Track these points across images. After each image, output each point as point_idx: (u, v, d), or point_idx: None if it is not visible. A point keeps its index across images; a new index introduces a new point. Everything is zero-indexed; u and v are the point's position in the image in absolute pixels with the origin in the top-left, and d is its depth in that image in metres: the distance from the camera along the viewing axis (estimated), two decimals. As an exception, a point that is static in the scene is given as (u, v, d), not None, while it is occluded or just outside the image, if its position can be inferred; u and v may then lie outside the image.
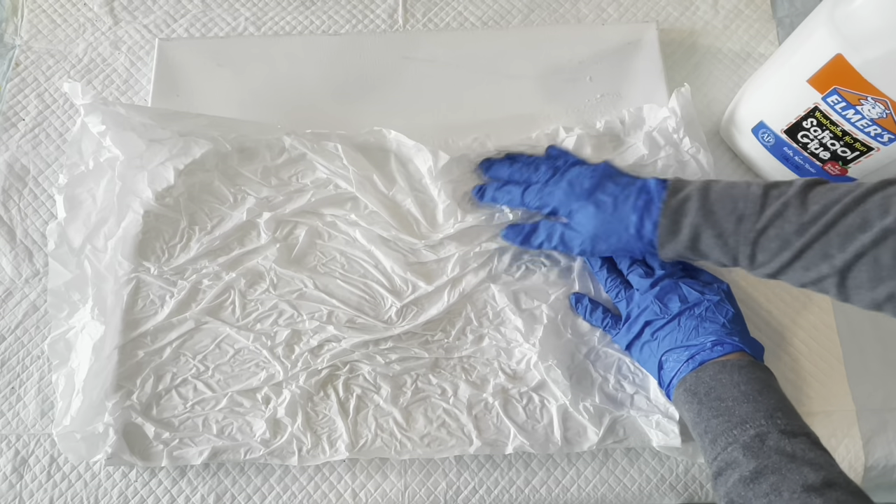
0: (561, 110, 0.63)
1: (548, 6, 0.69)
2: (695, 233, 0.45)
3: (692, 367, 0.46)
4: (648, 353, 0.50)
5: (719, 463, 0.42)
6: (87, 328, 0.54)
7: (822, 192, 0.42)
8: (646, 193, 0.48)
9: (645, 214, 0.47)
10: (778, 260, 0.43)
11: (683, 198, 0.46)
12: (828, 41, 0.46)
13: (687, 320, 0.48)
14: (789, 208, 0.42)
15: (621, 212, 0.48)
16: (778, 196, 0.43)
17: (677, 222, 0.46)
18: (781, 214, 0.42)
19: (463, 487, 0.53)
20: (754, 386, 0.44)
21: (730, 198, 0.45)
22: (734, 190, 0.45)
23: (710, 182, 0.47)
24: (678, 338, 0.48)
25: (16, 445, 0.54)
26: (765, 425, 0.41)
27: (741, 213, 0.44)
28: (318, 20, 0.68)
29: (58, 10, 0.69)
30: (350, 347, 0.54)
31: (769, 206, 0.43)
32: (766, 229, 0.43)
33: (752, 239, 0.44)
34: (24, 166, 0.63)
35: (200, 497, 0.53)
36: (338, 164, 0.58)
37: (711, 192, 0.46)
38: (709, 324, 0.48)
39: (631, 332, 0.51)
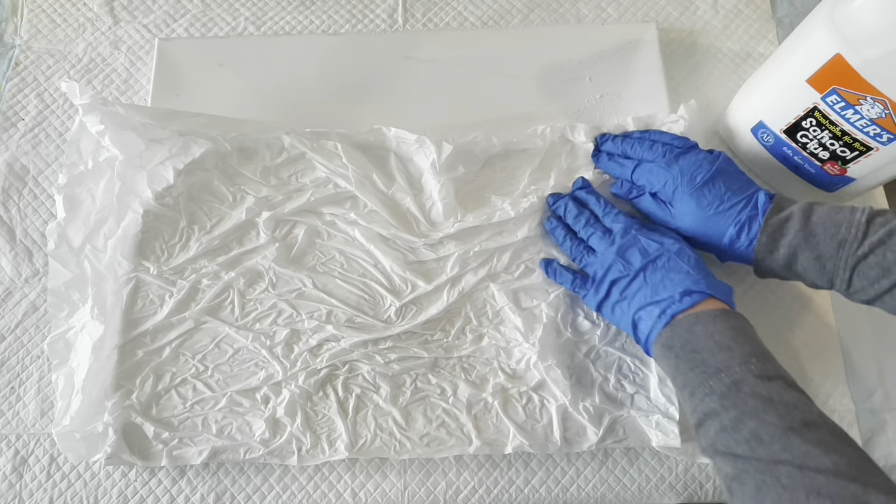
0: (561, 110, 0.63)
1: (548, 6, 0.69)
2: (792, 253, 0.46)
3: (665, 321, 0.46)
4: (621, 314, 0.50)
5: (699, 414, 0.42)
6: (87, 328, 0.54)
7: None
8: (753, 208, 0.48)
9: (745, 229, 0.48)
10: (876, 287, 0.43)
11: (785, 217, 0.47)
12: (827, 41, 0.46)
13: (652, 274, 0.48)
14: (894, 236, 0.43)
15: (722, 220, 0.49)
16: (883, 224, 0.44)
17: (776, 241, 0.47)
18: (885, 243, 0.43)
19: (462, 487, 0.53)
20: (728, 334, 0.44)
21: (832, 222, 0.45)
22: (838, 215, 0.45)
23: (813, 204, 0.47)
24: (647, 294, 0.48)
25: (15, 445, 0.54)
26: (739, 372, 0.41)
27: (843, 237, 0.44)
28: (317, 20, 0.68)
29: (58, 10, 0.69)
30: (349, 347, 0.54)
31: (873, 234, 0.43)
32: (868, 256, 0.43)
33: (851, 265, 0.44)
34: (23, 166, 0.63)
35: (200, 497, 0.53)
36: (337, 163, 0.58)
37: (814, 214, 0.46)
38: (674, 274, 0.48)
39: (599, 292, 0.51)
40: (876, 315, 0.57)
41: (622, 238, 0.51)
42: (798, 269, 0.47)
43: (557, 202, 0.56)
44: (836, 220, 0.45)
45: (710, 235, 0.50)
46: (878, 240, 0.43)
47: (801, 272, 0.47)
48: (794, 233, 0.46)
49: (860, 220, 0.44)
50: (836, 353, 0.57)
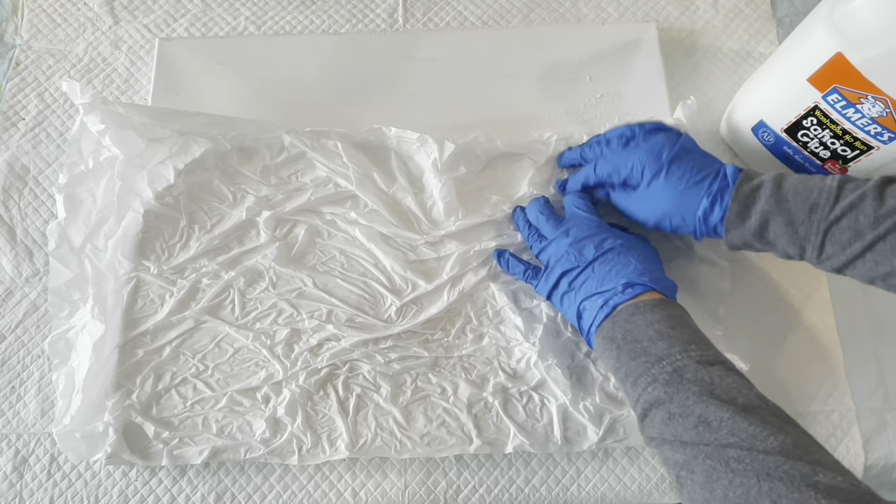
0: (561, 110, 0.63)
1: (548, 6, 0.69)
2: (764, 220, 0.45)
3: (606, 312, 0.46)
4: (568, 304, 0.50)
5: (643, 404, 0.42)
6: (88, 327, 0.54)
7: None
8: (722, 179, 0.48)
9: (717, 200, 0.47)
10: (848, 251, 0.43)
11: (756, 185, 0.46)
12: (828, 40, 0.46)
13: (601, 266, 0.48)
14: (865, 200, 0.42)
15: (693, 194, 0.48)
16: (854, 188, 0.43)
17: (747, 208, 0.46)
18: (856, 206, 0.42)
19: (463, 486, 0.53)
20: (668, 323, 0.44)
21: (804, 187, 0.44)
22: (810, 181, 0.45)
23: (784, 173, 0.47)
24: (592, 285, 0.48)
25: (16, 444, 0.54)
26: (680, 359, 0.41)
27: (814, 202, 0.44)
28: (318, 20, 0.68)
29: (58, 10, 0.69)
30: (350, 346, 0.54)
31: (844, 198, 0.43)
32: (840, 220, 0.43)
33: (823, 229, 0.43)
34: (24, 166, 0.63)
35: (201, 496, 0.53)
36: (337, 163, 0.58)
37: (785, 182, 0.45)
38: (621, 267, 0.48)
39: (549, 281, 0.51)
40: (876, 315, 0.58)
41: (578, 228, 0.51)
42: (770, 237, 0.46)
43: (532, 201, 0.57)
44: (808, 186, 0.44)
45: (684, 211, 0.48)
46: (850, 203, 0.42)
47: (772, 239, 0.46)
48: (766, 199, 0.45)
49: (832, 185, 0.44)
50: (836, 353, 0.57)
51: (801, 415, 0.54)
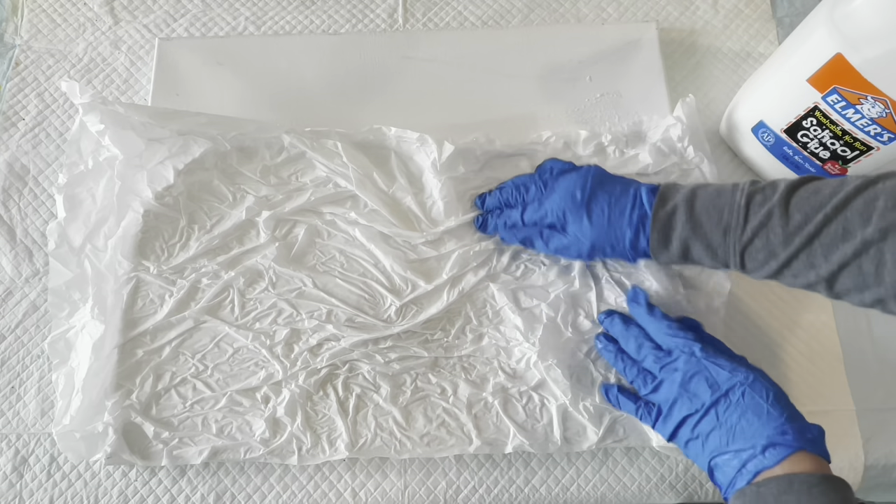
0: (561, 110, 0.63)
1: (548, 6, 0.69)
2: (685, 245, 0.46)
3: (747, 478, 0.41)
4: (695, 452, 0.45)
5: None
6: (87, 327, 0.54)
7: (805, 196, 0.42)
8: (640, 207, 0.47)
9: (640, 230, 0.47)
10: (766, 269, 0.43)
11: (671, 210, 0.46)
12: (827, 41, 0.46)
13: (726, 413, 0.44)
14: (773, 218, 0.42)
15: (616, 227, 0.48)
16: (762, 203, 0.43)
17: (667, 235, 0.46)
18: (766, 225, 0.42)
19: (463, 487, 0.53)
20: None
21: (715, 208, 0.44)
22: (719, 199, 0.45)
23: (696, 190, 0.46)
24: (721, 438, 0.43)
25: (16, 444, 0.54)
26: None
27: (726, 224, 0.44)
28: (317, 20, 0.68)
29: (58, 10, 0.69)
30: (349, 346, 0.54)
31: (753, 217, 0.43)
32: (752, 240, 0.43)
33: (739, 251, 0.44)
34: (24, 166, 0.63)
35: (200, 496, 0.53)
36: (337, 162, 0.58)
37: (697, 202, 0.45)
38: (752, 415, 0.43)
39: (667, 426, 0.47)
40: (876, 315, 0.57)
41: (685, 364, 0.46)
42: (694, 258, 0.46)
43: (606, 319, 0.53)
44: (719, 206, 0.44)
45: (612, 243, 0.49)
46: (759, 223, 0.42)
47: (697, 260, 0.46)
48: (682, 225, 0.45)
49: (740, 202, 0.44)
50: (836, 353, 0.57)
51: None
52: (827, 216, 0.40)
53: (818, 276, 0.41)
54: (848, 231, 0.39)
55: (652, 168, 0.58)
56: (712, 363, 0.46)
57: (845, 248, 0.39)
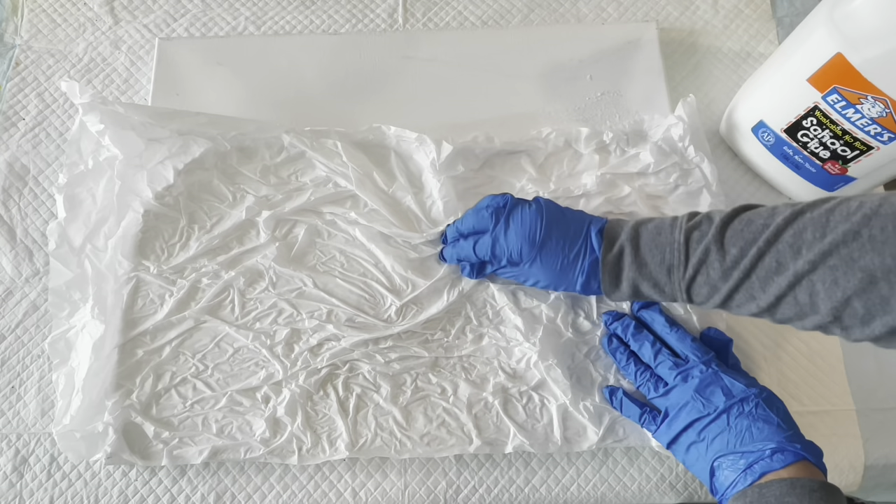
0: (561, 108, 0.63)
1: (548, 6, 0.69)
2: (633, 285, 0.47)
3: (751, 478, 0.42)
4: (696, 456, 0.46)
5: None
6: (88, 327, 0.54)
7: (739, 229, 0.43)
8: (591, 253, 0.48)
9: (591, 275, 0.48)
10: (712, 301, 0.44)
11: (618, 252, 0.47)
12: (827, 40, 0.46)
13: (738, 419, 0.45)
14: (710, 255, 0.43)
15: (569, 272, 0.49)
16: (699, 240, 0.44)
17: (617, 277, 0.48)
18: (704, 262, 0.43)
19: (463, 486, 0.53)
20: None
21: (657, 247, 0.46)
22: (660, 237, 0.46)
23: (639, 228, 0.47)
24: (730, 441, 0.45)
25: (16, 444, 0.54)
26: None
27: (669, 263, 0.45)
28: (317, 20, 0.68)
29: (58, 10, 0.69)
30: (350, 346, 0.54)
31: (693, 254, 0.44)
32: (695, 277, 0.44)
33: (684, 289, 0.45)
34: (24, 166, 0.63)
35: (200, 496, 0.53)
36: (337, 162, 0.58)
37: (641, 242, 0.47)
38: (763, 424, 0.44)
39: (672, 429, 0.48)
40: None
41: (702, 373, 0.48)
42: (645, 296, 0.48)
43: (616, 322, 0.54)
44: (661, 244, 0.46)
45: (566, 284, 0.50)
46: (699, 260, 0.44)
47: (648, 297, 0.48)
48: (629, 266, 0.47)
49: (679, 240, 0.45)
50: (836, 352, 0.57)
51: (801, 415, 0.54)
52: (760, 250, 0.41)
53: (759, 308, 0.42)
54: (781, 264, 0.40)
55: (653, 167, 0.58)
56: (729, 376, 0.48)
57: (780, 281, 0.40)
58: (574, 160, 0.60)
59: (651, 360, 0.51)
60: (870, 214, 0.37)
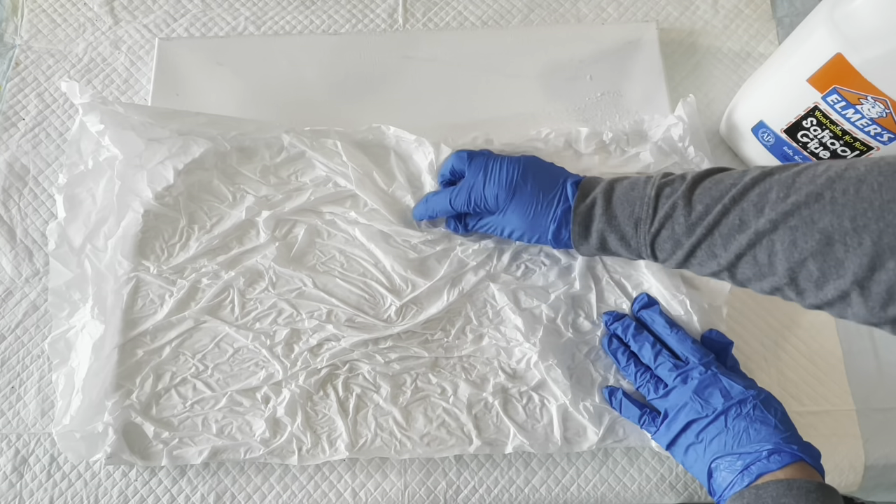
0: (561, 108, 0.63)
1: (548, 6, 0.69)
2: (602, 237, 0.47)
3: (748, 479, 0.43)
4: (694, 457, 0.47)
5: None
6: (87, 327, 0.54)
7: (708, 187, 0.43)
8: (565, 202, 0.49)
9: (563, 223, 0.49)
10: (675, 258, 0.45)
11: (590, 203, 0.48)
12: (827, 41, 0.46)
13: (735, 420, 0.45)
14: (677, 209, 0.43)
15: (541, 219, 0.50)
16: (669, 196, 0.44)
17: (587, 228, 0.48)
18: (671, 216, 0.44)
19: (463, 487, 0.53)
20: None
21: (628, 201, 0.46)
22: (633, 192, 0.46)
23: (614, 183, 0.48)
24: (727, 442, 0.45)
25: (16, 444, 0.54)
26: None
27: (637, 217, 0.45)
28: (318, 20, 0.68)
29: (58, 10, 0.69)
30: (349, 346, 0.54)
31: (661, 209, 0.44)
32: (660, 231, 0.44)
33: (648, 242, 0.45)
34: (24, 166, 0.63)
35: (200, 496, 0.53)
36: (337, 161, 0.58)
37: (613, 196, 0.47)
38: (760, 425, 0.45)
39: (671, 430, 0.48)
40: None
41: (701, 375, 0.48)
42: (611, 249, 0.48)
43: (616, 323, 0.54)
44: (631, 199, 0.46)
45: (539, 232, 0.50)
46: (665, 214, 0.44)
47: (614, 251, 0.48)
48: (599, 217, 0.47)
49: (650, 194, 0.45)
50: (836, 352, 0.57)
51: (801, 414, 0.54)
52: (725, 207, 0.41)
53: (720, 266, 0.42)
54: (744, 222, 0.40)
55: (653, 167, 0.58)
56: (728, 378, 0.48)
57: (741, 239, 0.40)
58: (574, 160, 0.60)
59: (651, 362, 0.51)
60: (834, 178, 0.37)
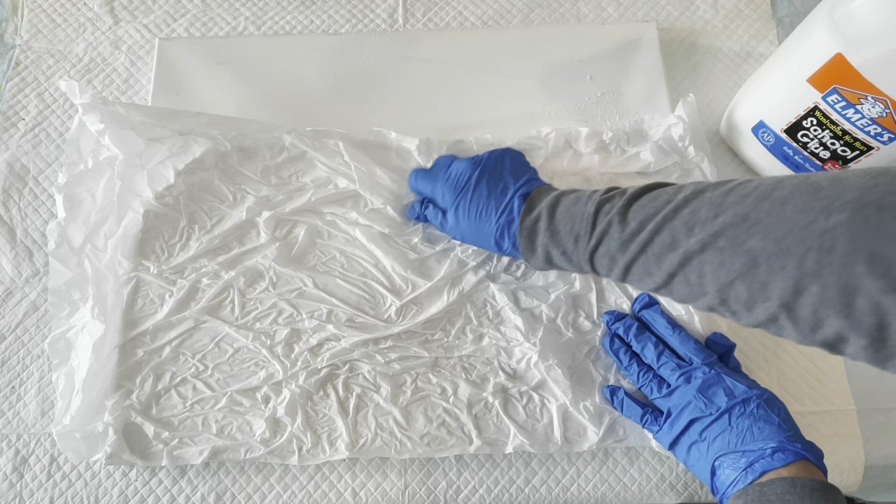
0: (561, 108, 0.63)
1: (548, 6, 0.69)
2: (546, 252, 0.47)
3: (752, 477, 0.43)
4: (697, 456, 0.47)
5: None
6: (88, 327, 0.54)
7: (643, 204, 0.42)
8: (508, 213, 0.49)
9: (506, 232, 0.49)
10: (613, 274, 0.44)
11: (535, 217, 0.47)
12: (828, 41, 0.46)
13: (739, 419, 0.46)
14: (612, 226, 0.43)
15: (485, 226, 0.50)
16: (607, 212, 0.44)
17: (532, 241, 0.48)
18: (607, 232, 0.43)
19: (463, 486, 0.53)
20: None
21: (569, 217, 0.46)
22: (575, 207, 0.46)
23: (559, 197, 0.47)
24: (731, 440, 0.45)
25: (16, 444, 0.54)
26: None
27: (577, 232, 0.45)
28: (318, 20, 0.68)
29: (58, 10, 0.69)
30: (350, 346, 0.54)
31: (598, 224, 0.44)
32: (597, 247, 0.44)
33: (587, 258, 0.45)
34: (24, 166, 0.63)
35: (201, 496, 0.53)
36: (338, 161, 0.58)
37: (557, 211, 0.47)
38: (763, 424, 0.45)
39: (674, 429, 0.48)
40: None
41: (704, 375, 0.48)
42: (556, 264, 0.48)
43: (618, 323, 0.54)
44: (573, 214, 0.46)
45: (482, 238, 0.50)
46: (602, 231, 0.43)
47: (559, 266, 0.48)
48: (543, 232, 0.47)
49: (590, 211, 0.45)
50: (836, 352, 0.56)
51: (801, 414, 0.54)
52: (657, 225, 0.41)
53: (656, 284, 0.42)
54: (675, 241, 0.40)
55: (653, 166, 0.58)
56: (731, 378, 0.48)
57: (672, 259, 0.40)
58: (574, 160, 0.60)
59: (654, 362, 0.51)
60: (761, 197, 0.36)
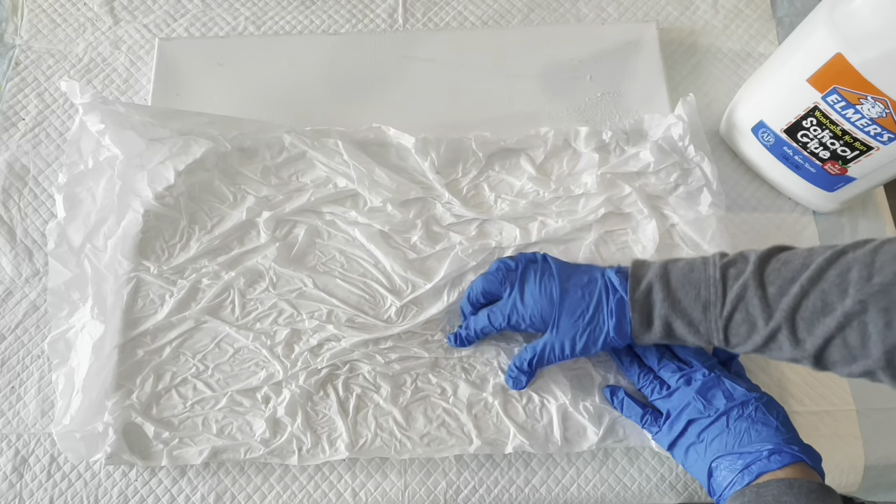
0: (561, 108, 0.63)
1: (548, 6, 0.69)
2: (666, 323, 0.45)
3: (749, 478, 0.43)
4: (695, 457, 0.47)
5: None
6: (87, 327, 0.54)
7: (776, 268, 0.42)
8: (614, 292, 0.47)
9: (621, 315, 0.46)
10: (751, 343, 0.43)
11: (647, 289, 0.46)
12: (827, 41, 0.46)
13: (737, 421, 0.45)
14: (748, 290, 0.42)
15: (598, 318, 0.47)
16: (736, 277, 0.43)
17: (648, 315, 0.46)
18: (743, 298, 0.42)
19: (463, 487, 0.53)
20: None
21: (691, 284, 0.44)
22: (693, 274, 0.45)
23: (668, 266, 0.46)
24: (729, 442, 0.45)
25: (16, 445, 0.54)
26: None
27: (705, 300, 0.44)
28: (318, 20, 0.68)
29: (58, 10, 0.69)
30: (350, 347, 0.54)
31: (730, 291, 0.43)
32: (733, 315, 0.43)
33: (721, 326, 0.44)
34: (24, 166, 0.63)
35: (200, 496, 0.53)
36: (338, 161, 0.58)
37: (672, 279, 0.45)
38: (761, 426, 0.45)
39: (673, 430, 0.48)
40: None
41: (704, 377, 0.48)
42: (677, 336, 0.46)
43: None
44: (694, 281, 0.44)
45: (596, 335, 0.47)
46: (737, 295, 0.42)
47: (680, 337, 0.46)
48: (660, 303, 0.45)
49: (715, 276, 0.43)
50: (836, 352, 0.56)
51: (801, 414, 0.54)
52: (803, 288, 0.40)
53: (804, 352, 0.41)
54: (827, 304, 0.39)
55: (653, 166, 0.58)
56: (730, 380, 0.48)
57: (828, 322, 0.39)
58: (574, 159, 0.60)
59: (655, 363, 0.51)
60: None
